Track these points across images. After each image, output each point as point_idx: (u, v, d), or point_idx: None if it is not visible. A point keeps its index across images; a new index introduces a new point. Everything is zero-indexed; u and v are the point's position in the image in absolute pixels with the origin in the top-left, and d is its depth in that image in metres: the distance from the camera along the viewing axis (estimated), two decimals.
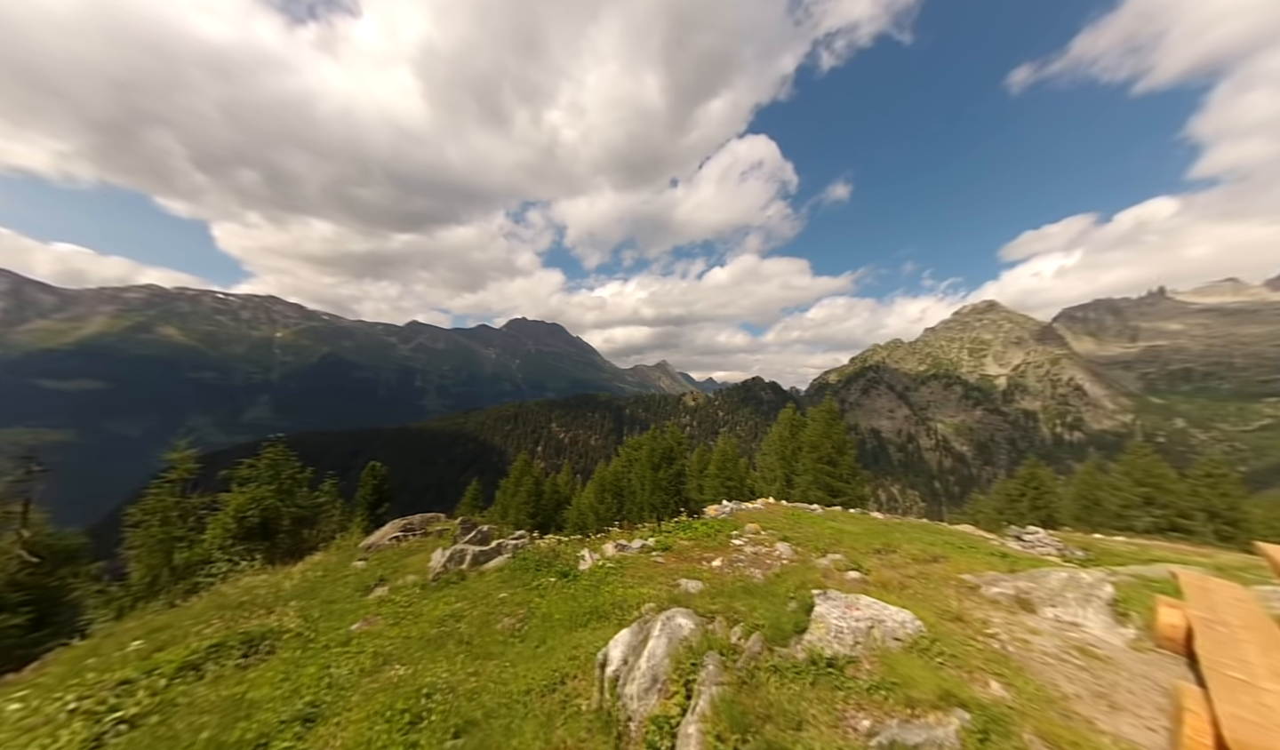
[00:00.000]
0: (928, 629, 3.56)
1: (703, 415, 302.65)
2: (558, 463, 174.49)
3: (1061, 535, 13.49)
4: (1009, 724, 2.54)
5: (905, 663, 3.15)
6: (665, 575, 6.47)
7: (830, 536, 8.32)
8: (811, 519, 11.96)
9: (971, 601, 4.30)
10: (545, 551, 9.00)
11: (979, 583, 4.66)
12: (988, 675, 3.09)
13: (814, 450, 28.25)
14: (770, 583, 5.14)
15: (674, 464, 23.62)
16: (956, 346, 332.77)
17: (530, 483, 33.02)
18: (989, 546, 9.78)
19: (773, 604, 4.31)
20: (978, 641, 3.52)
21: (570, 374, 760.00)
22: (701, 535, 9.51)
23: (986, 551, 8.83)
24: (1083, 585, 4.25)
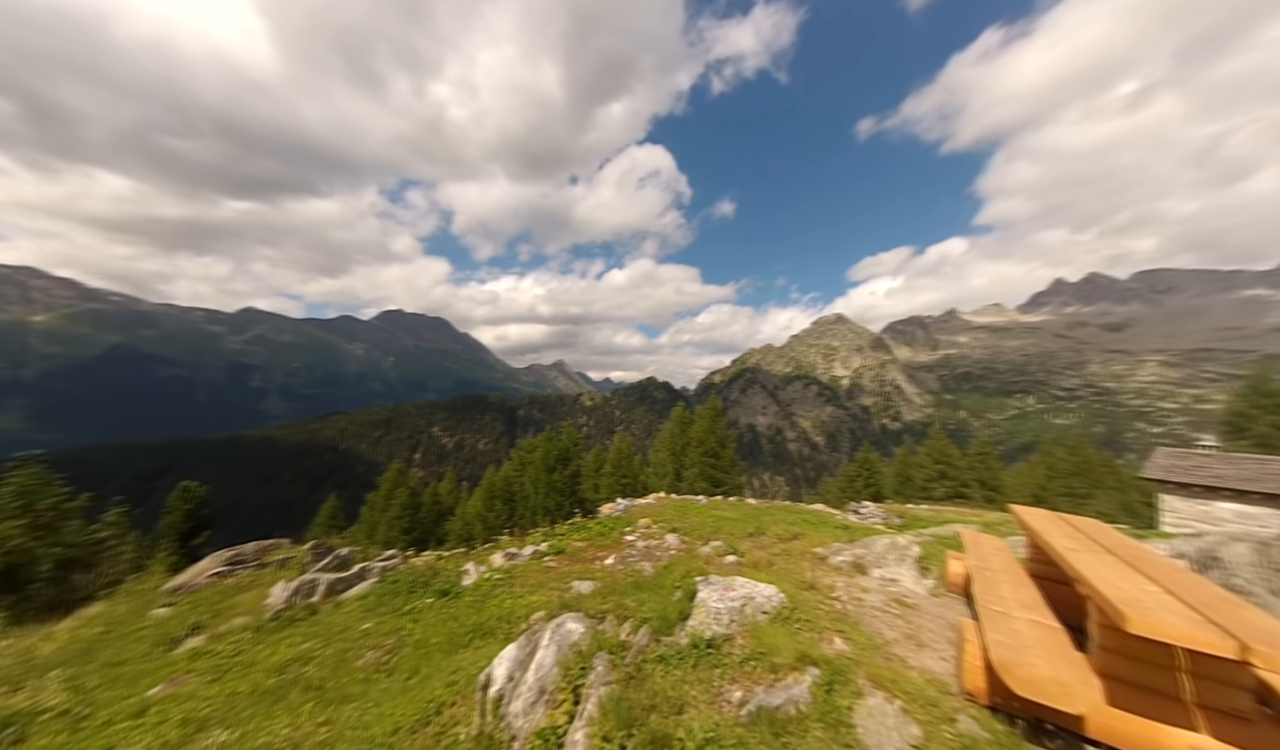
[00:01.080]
0: (788, 599, 4.04)
1: (600, 415, 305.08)
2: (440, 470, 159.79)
3: (885, 507, 16.59)
4: (848, 673, 3.00)
5: (771, 633, 3.53)
6: (557, 580, 6.33)
7: (712, 525, 9.00)
8: (697, 509, 12.80)
9: (821, 570, 5.01)
10: (422, 570, 8.14)
11: (827, 553, 5.46)
12: (833, 633, 3.61)
13: (700, 445, 30.36)
14: (659, 575, 5.35)
15: (570, 465, 23.33)
16: (814, 352, 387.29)
17: (405, 494, 29.66)
18: (835, 521, 11.55)
19: (660, 595, 4.49)
20: (826, 605, 4.11)
21: (456, 373, 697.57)
22: (595, 535, 9.53)
23: (834, 526, 10.41)
24: (899, 548, 5.24)
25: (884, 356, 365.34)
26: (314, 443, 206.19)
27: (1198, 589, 2.83)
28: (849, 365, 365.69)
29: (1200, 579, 3.24)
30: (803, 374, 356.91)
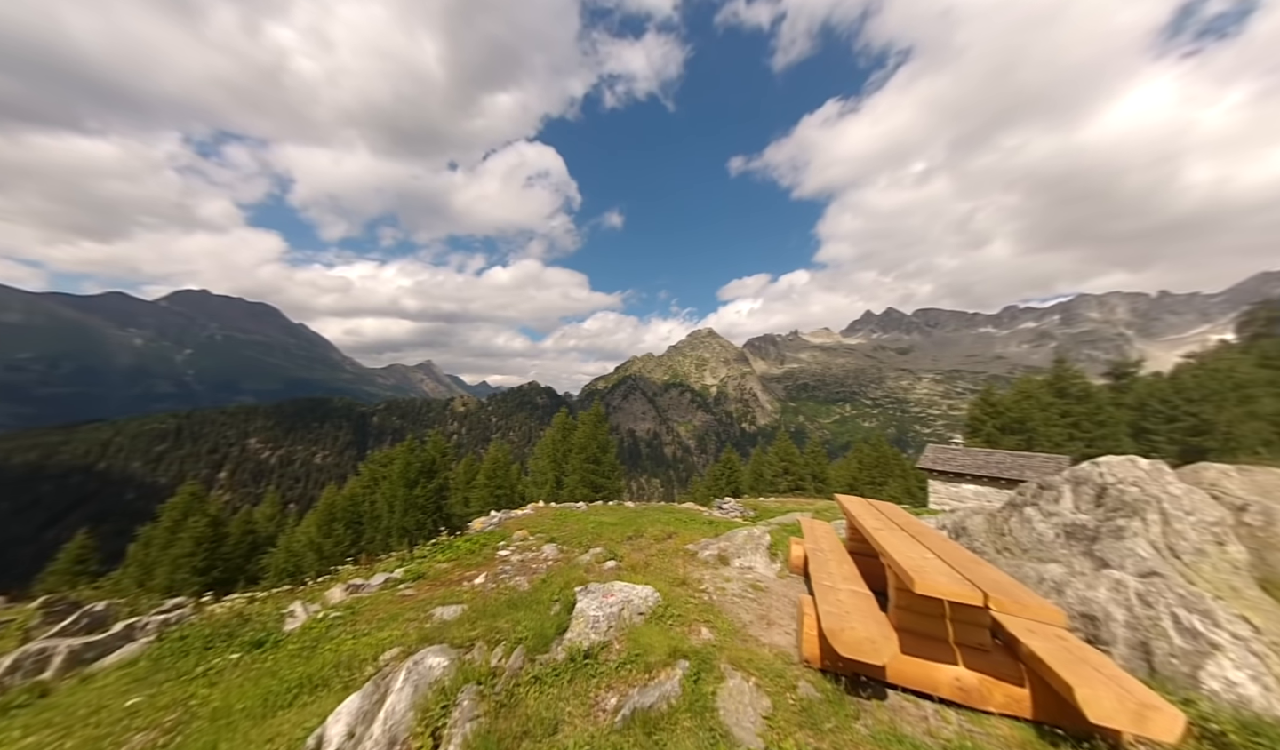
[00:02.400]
0: (663, 598, 4.23)
1: (474, 421, 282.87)
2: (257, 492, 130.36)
3: (743, 502, 18.66)
4: (713, 660, 3.24)
5: (646, 633, 3.63)
6: (416, 609, 5.61)
7: (592, 531, 8.99)
8: (577, 516, 12.68)
9: (692, 566, 5.38)
10: (225, 619, 6.46)
11: (697, 549, 5.89)
12: (701, 624, 3.88)
13: (582, 451, 30.26)
14: (536, 589, 5.12)
15: (435, 478, 21.03)
16: (688, 362, 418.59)
17: (202, 524, 23.40)
18: (703, 518, 12.55)
19: (537, 611, 4.30)
20: (695, 598, 4.40)
21: (285, 372, 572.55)
22: (464, 553, 8.76)
23: (702, 522, 11.30)
24: (754, 538, 5.91)
25: (744, 368, 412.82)
26: (51, 461, 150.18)
27: (956, 553, 3.75)
28: (717, 375, 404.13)
29: (956, 545, 4.29)
30: (679, 382, 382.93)
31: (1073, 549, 4.57)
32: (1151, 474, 4.57)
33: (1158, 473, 4.58)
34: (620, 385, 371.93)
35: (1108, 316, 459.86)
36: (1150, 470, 4.62)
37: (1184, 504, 4.30)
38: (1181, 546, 4.03)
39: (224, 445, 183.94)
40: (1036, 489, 5.55)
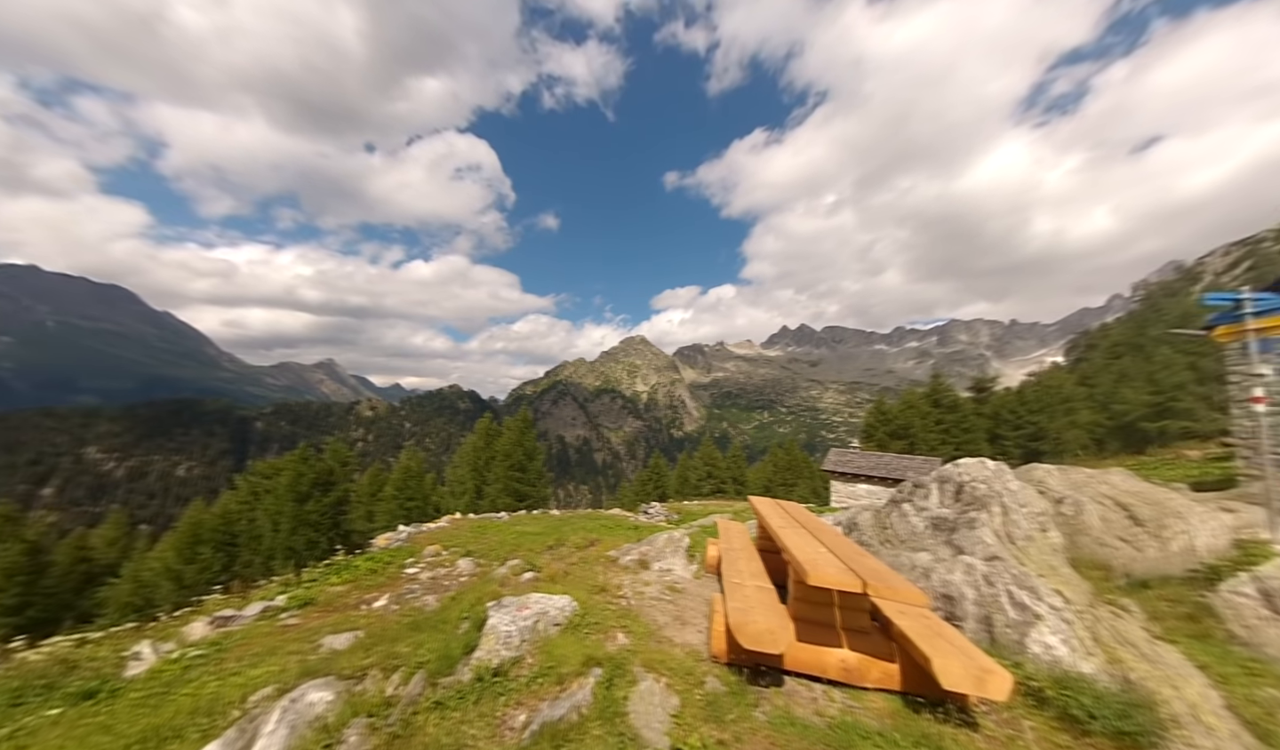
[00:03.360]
0: (581, 606, 4.19)
1: (383, 427, 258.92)
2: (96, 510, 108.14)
3: (668, 506, 19.14)
4: (626, 665, 3.27)
5: (561, 644, 3.57)
6: (301, 640, 4.98)
7: (512, 542, 8.64)
8: (497, 527, 12.11)
9: (613, 572, 5.39)
10: (43, 667, 5.22)
11: (619, 555, 5.92)
12: (617, 630, 3.90)
13: (507, 458, 29.01)
14: (444, 608, 4.79)
15: (333, 490, 18.86)
16: (620, 368, 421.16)
17: (15, 551, 18.79)
18: (629, 524, 12.65)
19: (444, 632, 4.02)
20: (614, 604, 4.42)
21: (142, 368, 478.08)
22: (364, 573, 7.96)
23: (627, 528, 11.37)
24: (674, 541, 6.08)
25: (674, 376, 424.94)
26: None
27: (845, 546, 4.16)
28: (648, 382, 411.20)
29: (846, 539, 4.76)
30: (611, 388, 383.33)
31: (937, 538, 5.29)
32: (995, 473, 5.45)
33: (1000, 472, 5.48)
34: (550, 390, 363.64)
35: (973, 339, 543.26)
36: (995, 470, 5.51)
37: (1019, 498, 5.18)
38: (1016, 534, 4.84)
39: (51, 454, 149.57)
40: (912, 487, 6.34)
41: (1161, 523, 4.68)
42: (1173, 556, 4.45)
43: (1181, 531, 4.58)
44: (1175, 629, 3.73)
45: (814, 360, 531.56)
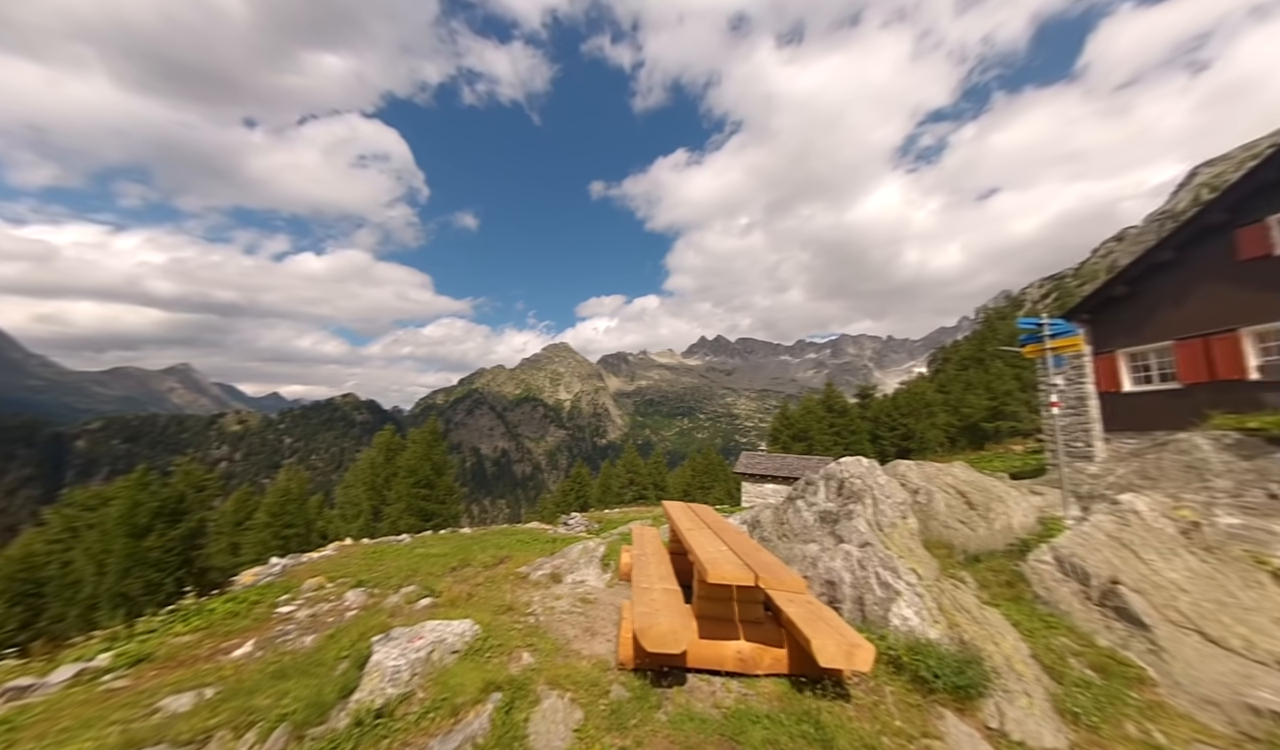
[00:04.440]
0: (483, 629, 3.95)
1: (255, 444, 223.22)
2: None
3: (589, 515, 18.95)
4: (530, 685, 3.15)
5: (458, 673, 3.33)
6: (129, 705, 4.06)
7: (412, 566, 7.91)
8: (396, 551, 11.02)
9: (522, 589, 5.18)
10: None
11: (530, 571, 5.71)
12: (523, 650, 3.74)
13: (411, 474, 26.59)
14: (318, 649, 4.22)
15: (184, 521, 15.71)
16: (543, 375, 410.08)
17: None
18: (546, 537, 12.27)
19: (316, 676, 3.54)
20: (521, 622, 4.24)
21: None
22: (222, 617, 6.76)
23: (544, 541, 11.02)
24: (589, 551, 6.02)
25: (599, 384, 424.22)
26: None
27: (744, 543, 4.45)
28: (571, 390, 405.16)
29: (747, 536, 5.09)
30: (532, 396, 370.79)
31: (824, 530, 5.88)
32: (868, 470, 6.22)
33: (872, 469, 6.26)
34: (465, 399, 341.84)
35: (859, 352, 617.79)
36: (868, 467, 6.29)
37: (886, 490, 5.96)
38: (884, 521, 5.55)
39: None
40: (804, 485, 6.98)
41: (989, 507, 5.69)
42: (996, 534, 5.44)
43: (1003, 513, 5.63)
44: (998, 594, 4.55)
45: (729, 369, 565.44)
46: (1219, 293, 12.34)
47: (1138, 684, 3.33)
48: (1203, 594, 4.08)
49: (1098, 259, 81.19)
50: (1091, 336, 14.63)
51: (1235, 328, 12.00)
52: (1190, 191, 76.30)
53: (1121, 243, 79.51)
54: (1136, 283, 13.91)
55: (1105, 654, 3.61)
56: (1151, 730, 2.96)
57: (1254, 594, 4.28)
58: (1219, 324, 12.26)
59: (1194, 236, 12.86)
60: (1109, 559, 4.29)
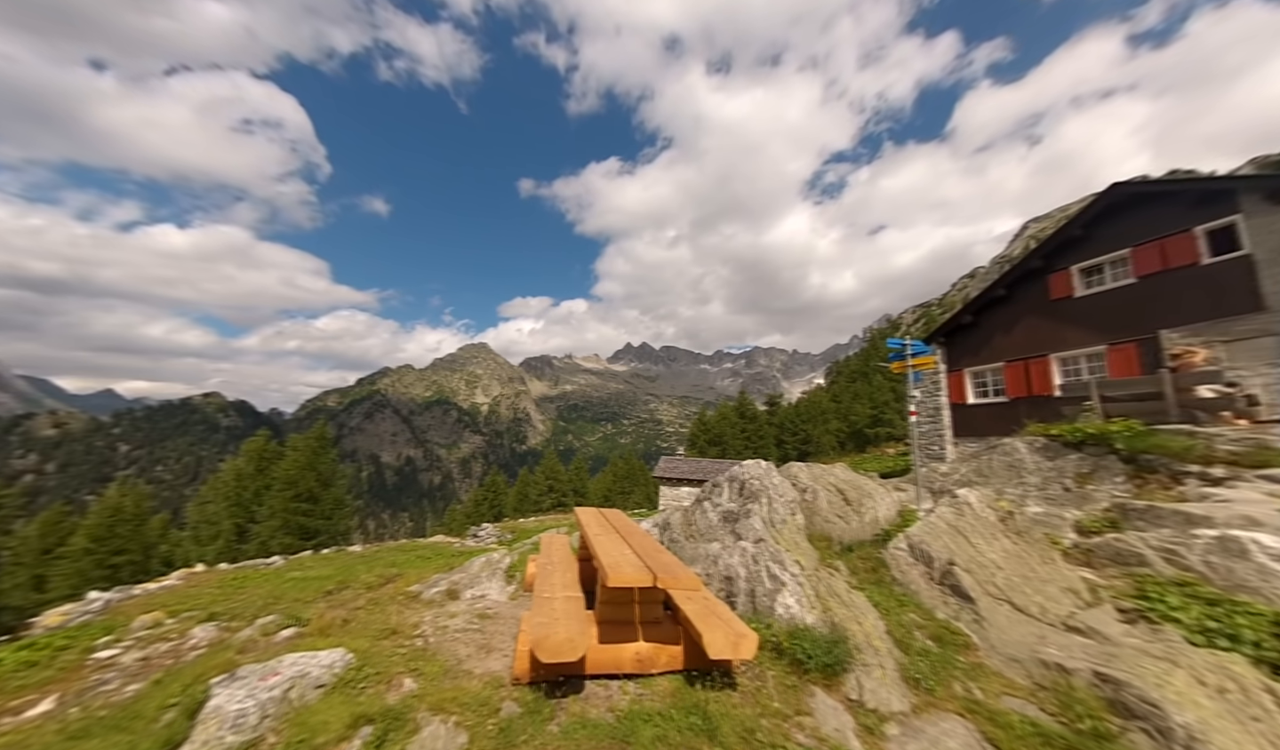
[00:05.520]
0: (358, 658, 3.56)
1: (78, 452, 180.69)
2: None
3: (502, 525, 18.09)
4: (408, 713, 2.89)
5: (322, 709, 2.96)
6: None
7: (276, 593, 6.89)
8: (263, 577, 9.54)
9: (411, 610, 4.76)
10: None
11: (423, 589, 5.27)
12: (405, 676, 3.43)
13: (290, 487, 23.27)
14: (138, 700, 3.48)
15: None
16: (458, 377, 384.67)
17: None
18: (452, 551, 11.47)
19: (130, 733, 2.91)
20: (406, 646, 3.89)
21: None
22: (12, 668, 5.32)
23: (448, 555, 10.28)
24: (493, 564, 5.73)
25: (520, 387, 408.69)
26: None
27: (648, 545, 4.54)
28: (490, 393, 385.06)
29: (653, 539, 5.20)
30: (444, 399, 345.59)
31: (726, 529, 6.22)
32: (766, 472, 6.72)
33: (769, 470, 6.78)
34: (363, 402, 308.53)
35: (770, 363, 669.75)
36: (766, 469, 6.79)
37: (780, 490, 6.48)
38: (776, 519, 6.03)
39: None
40: (711, 487, 7.33)
41: (861, 502, 6.46)
42: (866, 526, 6.18)
43: (871, 508, 6.41)
44: (864, 579, 5.16)
45: (653, 376, 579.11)
46: (1036, 325, 15.37)
47: (964, 649, 3.97)
48: (1013, 570, 5.00)
49: (955, 291, 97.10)
50: (945, 357, 17.36)
51: (1046, 353, 15.00)
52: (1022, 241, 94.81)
53: (973, 279, 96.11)
54: (979, 314, 16.82)
55: (942, 625, 4.26)
56: (973, 688, 3.55)
57: (1049, 569, 5.35)
58: (1035, 350, 15.25)
59: (1020, 278, 15.92)
60: (948, 544, 5.08)
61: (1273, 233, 10.96)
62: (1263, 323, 11.07)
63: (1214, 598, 4.22)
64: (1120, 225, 13.58)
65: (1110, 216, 13.84)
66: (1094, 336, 13.77)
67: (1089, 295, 14.13)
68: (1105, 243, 13.85)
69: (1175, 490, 7.03)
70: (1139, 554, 5.10)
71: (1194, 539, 4.92)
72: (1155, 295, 12.72)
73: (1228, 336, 11.57)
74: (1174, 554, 4.93)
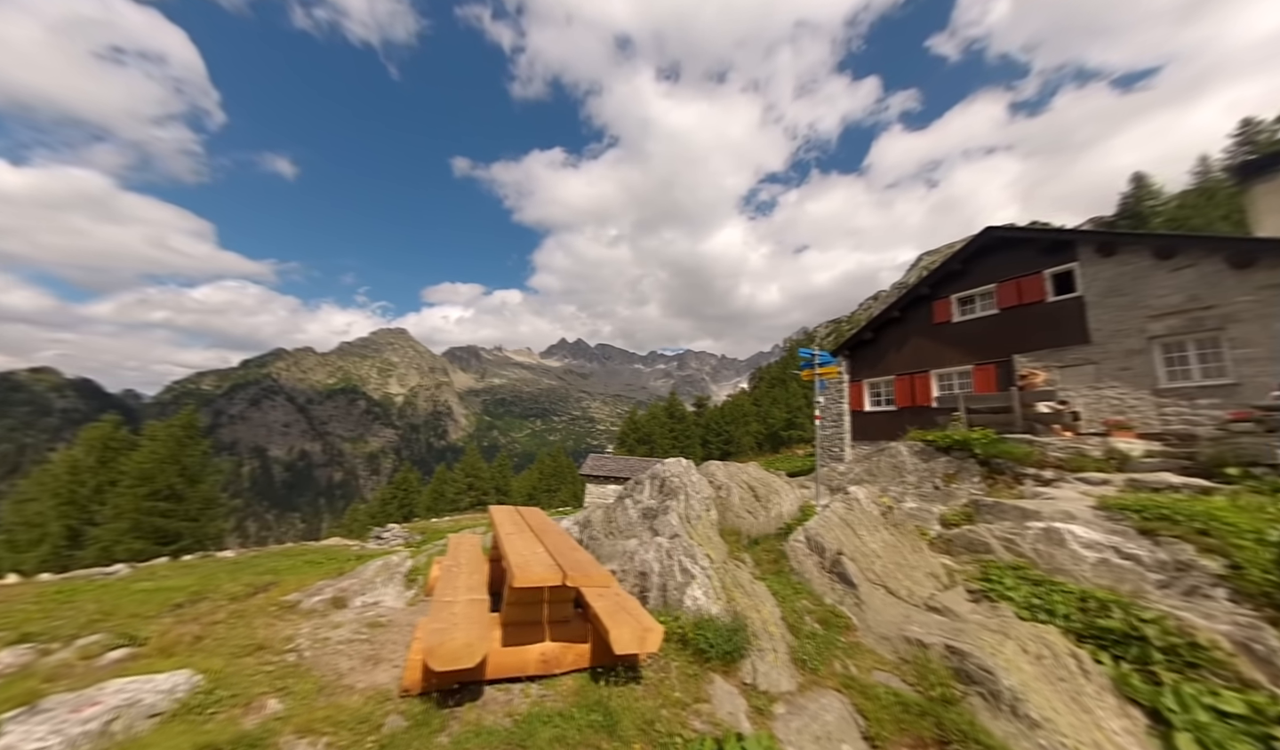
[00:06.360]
0: (208, 680, 3.07)
1: None
2: None
3: (411, 526, 16.81)
4: (267, 739, 2.54)
5: (156, 742, 2.50)
6: None
7: (110, 607, 5.76)
8: (98, 588, 7.94)
9: (284, 622, 4.22)
10: None
11: (303, 598, 4.69)
12: (269, 696, 3.02)
13: (145, 482, 19.66)
14: None
15: None
16: (369, 365, 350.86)
17: None
18: (347, 553, 10.40)
19: None
20: (272, 665, 3.43)
21: None
22: None
23: (343, 559, 9.31)
24: (391, 567, 5.27)
25: (442, 379, 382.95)
26: None
27: (563, 543, 4.44)
28: (406, 384, 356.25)
29: (568, 536, 5.11)
30: (351, 388, 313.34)
31: (644, 525, 6.31)
32: (686, 469, 6.93)
33: (689, 468, 7.00)
34: (249, 387, 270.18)
35: (700, 366, 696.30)
36: (686, 467, 7.01)
37: (697, 487, 6.72)
38: (693, 515, 6.23)
39: None
40: (634, 484, 7.39)
41: (769, 498, 6.91)
42: (772, 520, 6.62)
43: (778, 503, 6.89)
44: (767, 569, 5.51)
45: (586, 374, 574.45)
46: (921, 344, 17.50)
47: (845, 630, 4.39)
48: (889, 559, 5.64)
49: (861, 310, 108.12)
50: (849, 368, 19.20)
51: (927, 370, 17.13)
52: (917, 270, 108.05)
53: (876, 301, 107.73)
54: (878, 332, 18.81)
55: (829, 609, 4.68)
56: (850, 665, 3.93)
57: (918, 557, 6.11)
58: (919, 366, 17.36)
59: (911, 302, 18.04)
60: (839, 536, 5.61)
61: (1100, 279, 13.55)
62: (1087, 353, 13.65)
63: (1039, 579, 5.08)
64: (990, 263, 15.98)
65: (983, 255, 16.23)
66: (965, 357, 16.06)
67: (963, 321, 16.46)
68: (978, 277, 16.21)
69: (1017, 489, 8.41)
70: (986, 543, 6.00)
71: (1026, 530, 5.91)
72: (1012, 325, 15.14)
73: (1061, 362, 14.10)
74: (1012, 542, 5.87)
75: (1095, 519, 5.89)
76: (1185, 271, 11.94)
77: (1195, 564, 4.59)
